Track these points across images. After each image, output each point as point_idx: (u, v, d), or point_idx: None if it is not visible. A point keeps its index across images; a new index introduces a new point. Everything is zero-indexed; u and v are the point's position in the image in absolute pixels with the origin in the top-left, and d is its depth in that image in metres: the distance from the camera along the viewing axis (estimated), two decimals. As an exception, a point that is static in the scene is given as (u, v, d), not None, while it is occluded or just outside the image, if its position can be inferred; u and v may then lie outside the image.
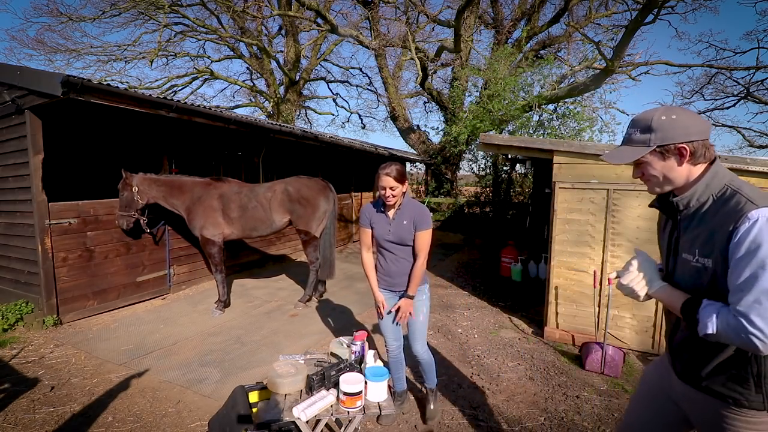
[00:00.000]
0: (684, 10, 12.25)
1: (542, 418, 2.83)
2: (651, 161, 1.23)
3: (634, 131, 1.26)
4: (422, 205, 2.46)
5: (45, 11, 14.62)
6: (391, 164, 2.34)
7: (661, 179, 1.25)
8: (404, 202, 2.44)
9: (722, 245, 1.10)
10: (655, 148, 1.20)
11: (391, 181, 2.31)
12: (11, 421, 2.71)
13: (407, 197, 2.47)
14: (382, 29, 13.44)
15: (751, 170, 3.36)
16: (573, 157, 4.05)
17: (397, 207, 2.44)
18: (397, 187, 2.33)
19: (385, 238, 2.45)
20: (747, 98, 14.38)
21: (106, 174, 6.48)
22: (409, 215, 2.40)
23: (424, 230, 2.38)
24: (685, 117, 1.18)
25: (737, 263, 1.06)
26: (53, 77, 3.71)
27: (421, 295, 2.51)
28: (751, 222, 1.05)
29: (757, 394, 1.13)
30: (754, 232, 1.03)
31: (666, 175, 1.23)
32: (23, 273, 4.53)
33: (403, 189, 2.38)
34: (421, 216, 2.39)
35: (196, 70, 15.68)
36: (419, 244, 2.39)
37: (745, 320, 1.02)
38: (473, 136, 9.77)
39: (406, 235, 2.40)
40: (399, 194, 2.37)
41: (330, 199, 5.15)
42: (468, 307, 5.24)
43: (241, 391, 2.33)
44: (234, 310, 5.01)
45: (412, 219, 2.39)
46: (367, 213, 2.54)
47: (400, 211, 2.42)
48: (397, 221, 2.42)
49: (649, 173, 1.26)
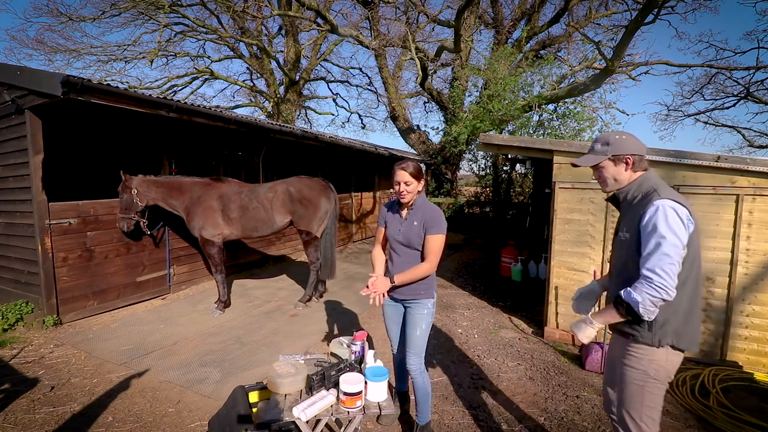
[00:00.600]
0: (684, 10, 12.25)
1: (542, 418, 2.83)
2: (606, 166, 1.77)
3: (596, 144, 1.80)
4: (437, 208, 2.34)
5: (45, 11, 14.63)
6: (407, 160, 2.33)
7: (612, 180, 1.78)
8: (419, 202, 2.34)
9: (636, 223, 1.62)
10: (610, 156, 1.74)
11: (406, 176, 2.24)
12: (11, 421, 2.71)
13: (423, 198, 2.37)
14: (382, 29, 13.45)
15: (751, 170, 3.37)
16: (573, 157, 4.04)
17: (410, 207, 2.35)
18: (411, 182, 2.26)
19: (395, 237, 2.38)
20: (747, 98, 14.38)
21: (106, 174, 6.47)
22: (421, 217, 2.30)
23: (435, 234, 2.25)
24: (631, 139, 1.74)
25: (646, 237, 1.57)
26: (53, 77, 3.71)
27: (422, 309, 2.37)
28: (654, 208, 1.56)
29: (649, 332, 1.63)
30: (655, 215, 1.56)
31: (615, 177, 1.76)
32: (23, 273, 4.53)
33: (418, 187, 2.30)
34: (433, 219, 2.27)
35: (196, 70, 15.68)
36: (428, 247, 2.26)
37: (653, 274, 1.51)
38: (473, 136, 9.77)
39: (414, 238, 2.30)
40: (413, 191, 2.29)
41: (331, 199, 5.15)
42: (468, 307, 5.24)
43: (241, 391, 2.33)
44: (234, 310, 5.01)
45: (423, 221, 2.28)
46: (384, 211, 2.51)
47: (413, 212, 2.34)
48: (408, 222, 2.33)
49: (604, 175, 1.79)
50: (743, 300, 3.50)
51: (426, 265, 2.27)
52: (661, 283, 1.49)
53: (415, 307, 2.39)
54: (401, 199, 2.33)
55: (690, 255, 1.59)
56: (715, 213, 3.55)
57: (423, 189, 2.37)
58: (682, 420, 2.81)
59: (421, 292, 2.37)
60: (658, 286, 1.49)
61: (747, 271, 3.47)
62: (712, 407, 2.89)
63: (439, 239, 2.25)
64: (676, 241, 1.51)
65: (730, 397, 3.01)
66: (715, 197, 3.54)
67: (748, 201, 3.43)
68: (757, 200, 3.40)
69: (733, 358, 3.54)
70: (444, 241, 2.29)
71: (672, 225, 1.53)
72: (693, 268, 1.61)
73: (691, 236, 1.57)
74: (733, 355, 3.54)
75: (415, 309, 2.38)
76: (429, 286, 2.38)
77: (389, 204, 2.51)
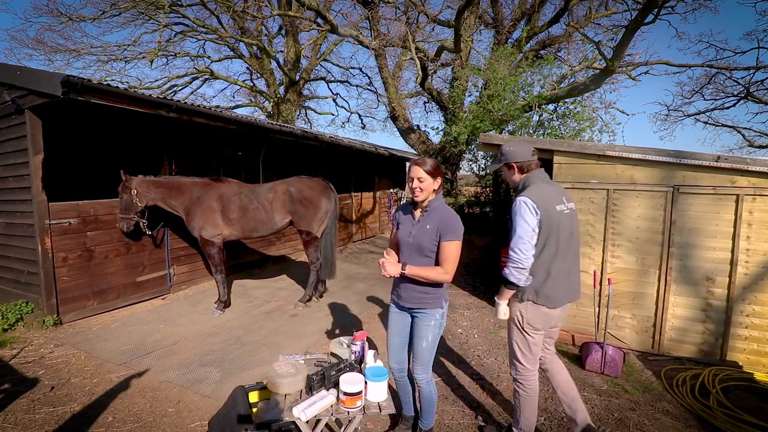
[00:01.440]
0: (684, 10, 12.23)
1: (542, 418, 2.82)
2: (504, 170, 2.42)
3: (499, 154, 2.41)
4: (453, 212, 2.20)
5: (45, 11, 14.61)
6: (425, 157, 2.28)
7: (510, 181, 2.40)
8: (434, 204, 2.21)
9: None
10: (504, 164, 2.37)
11: (420, 171, 2.15)
12: (11, 421, 2.71)
13: (440, 201, 2.24)
14: (382, 29, 13.43)
15: (751, 170, 3.37)
16: (573, 157, 4.05)
17: (425, 208, 2.22)
18: (426, 179, 2.15)
19: (406, 240, 2.24)
20: (747, 98, 14.38)
21: (106, 174, 6.47)
22: (435, 221, 2.15)
23: (449, 240, 2.11)
24: (520, 148, 2.31)
25: (511, 224, 2.18)
26: (53, 77, 3.71)
27: (429, 320, 2.23)
28: (515, 203, 2.17)
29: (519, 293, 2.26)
30: (514, 207, 2.17)
31: (509, 178, 2.40)
32: (23, 273, 4.53)
33: (434, 185, 2.19)
34: (449, 224, 2.13)
35: (196, 70, 15.67)
36: (444, 254, 2.12)
37: (512, 252, 2.12)
38: (473, 136, 9.76)
39: (425, 242, 2.15)
40: (428, 189, 2.17)
41: (331, 199, 5.15)
42: (468, 307, 5.24)
43: (241, 391, 2.33)
44: (234, 310, 5.01)
45: (437, 226, 2.14)
46: (398, 211, 2.42)
47: (426, 214, 2.20)
48: (421, 224, 2.19)
49: (505, 177, 2.43)
50: (743, 300, 3.50)
51: (441, 270, 2.12)
52: (517, 258, 2.09)
53: (421, 318, 2.26)
54: (414, 197, 2.22)
55: (543, 234, 2.14)
56: (715, 213, 3.55)
57: (440, 189, 2.25)
58: (682, 420, 2.82)
59: (429, 302, 2.22)
60: (515, 260, 2.10)
61: (747, 271, 3.47)
62: (712, 407, 2.89)
63: (455, 246, 2.12)
64: (526, 226, 2.10)
65: (730, 397, 3.01)
66: (715, 197, 3.54)
67: (748, 201, 3.43)
68: (757, 200, 3.40)
69: (733, 358, 3.54)
70: (460, 248, 2.16)
71: (524, 215, 2.11)
72: (548, 244, 2.16)
73: (543, 221, 2.12)
74: (733, 355, 3.54)
75: (422, 320, 2.26)
76: (438, 296, 2.23)
77: (404, 205, 2.41)
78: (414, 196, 2.22)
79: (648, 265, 3.81)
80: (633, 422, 2.78)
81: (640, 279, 3.85)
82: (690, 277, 3.67)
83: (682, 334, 3.73)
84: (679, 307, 3.72)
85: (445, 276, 2.13)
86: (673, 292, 3.73)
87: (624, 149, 3.82)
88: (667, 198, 3.70)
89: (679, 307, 3.72)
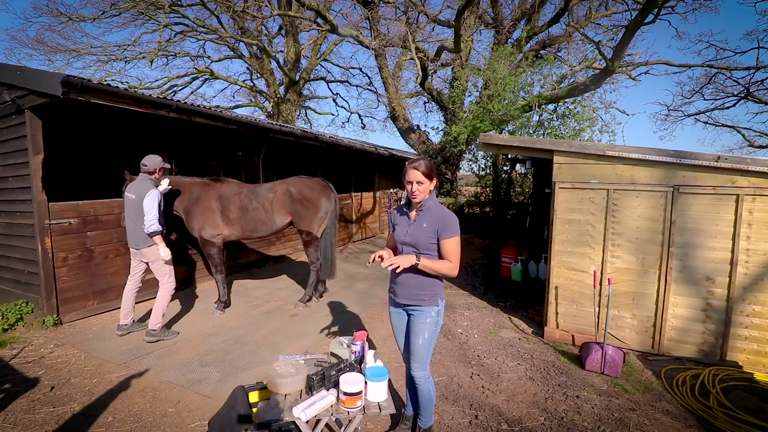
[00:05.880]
0: (684, 10, 12.24)
1: (542, 418, 2.82)
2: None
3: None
4: (447, 210, 2.26)
5: (45, 11, 14.66)
6: (419, 158, 2.28)
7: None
8: (429, 204, 2.26)
9: None
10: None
11: (418, 175, 2.18)
12: (11, 421, 2.71)
13: (434, 199, 2.29)
14: (382, 29, 13.43)
15: (751, 170, 3.37)
16: (573, 157, 4.05)
17: (420, 208, 2.27)
18: (424, 182, 2.20)
19: (402, 239, 2.28)
20: (747, 98, 14.40)
21: (107, 174, 6.47)
22: (431, 220, 2.22)
23: (449, 238, 2.19)
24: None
25: None
26: (53, 77, 3.71)
27: (424, 317, 2.28)
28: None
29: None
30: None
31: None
32: (23, 273, 4.53)
33: (430, 186, 2.24)
34: (445, 222, 2.19)
35: (196, 70, 15.68)
36: (445, 251, 2.21)
37: None
38: (473, 136, 9.76)
39: (422, 241, 2.22)
40: (425, 191, 2.22)
41: (331, 199, 5.15)
42: (468, 307, 5.24)
43: (241, 391, 2.33)
44: (234, 310, 5.01)
45: (434, 224, 2.20)
46: (393, 213, 2.46)
47: (422, 213, 2.25)
48: (417, 224, 2.25)
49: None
50: (743, 300, 3.50)
51: (450, 264, 2.20)
52: None
53: (417, 315, 2.30)
54: (412, 199, 2.26)
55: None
56: (715, 213, 3.55)
57: (435, 189, 2.29)
58: (682, 420, 2.81)
59: (425, 298, 2.27)
60: None
61: (747, 271, 3.47)
62: (712, 407, 2.89)
63: (455, 241, 2.21)
64: None
65: (730, 397, 3.01)
66: (715, 197, 3.54)
67: (748, 201, 3.43)
68: (757, 200, 3.40)
69: (733, 358, 3.54)
70: (460, 241, 2.24)
71: None
72: None
73: None
74: (733, 355, 3.54)
75: (418, 317, 2.30)
76: (434, 292, 2.28)
77: (399, 206, 2.46)
78: (412, 198, 2.26)
79: (648, 265, 3.81)
80: (633, 422, 2.78)
81: (640, 279, 3.85)
82: (690, 277, 3.67)
83: (682, 334, 3.73)
84: (679, 307, 3.72)
85: (454, 269, 2.22)
86: (673, 292, 3.73)
87: (624, 149, 3.82)
88: (667, 198, 3.70)
89: (679, 307, 3.72)
